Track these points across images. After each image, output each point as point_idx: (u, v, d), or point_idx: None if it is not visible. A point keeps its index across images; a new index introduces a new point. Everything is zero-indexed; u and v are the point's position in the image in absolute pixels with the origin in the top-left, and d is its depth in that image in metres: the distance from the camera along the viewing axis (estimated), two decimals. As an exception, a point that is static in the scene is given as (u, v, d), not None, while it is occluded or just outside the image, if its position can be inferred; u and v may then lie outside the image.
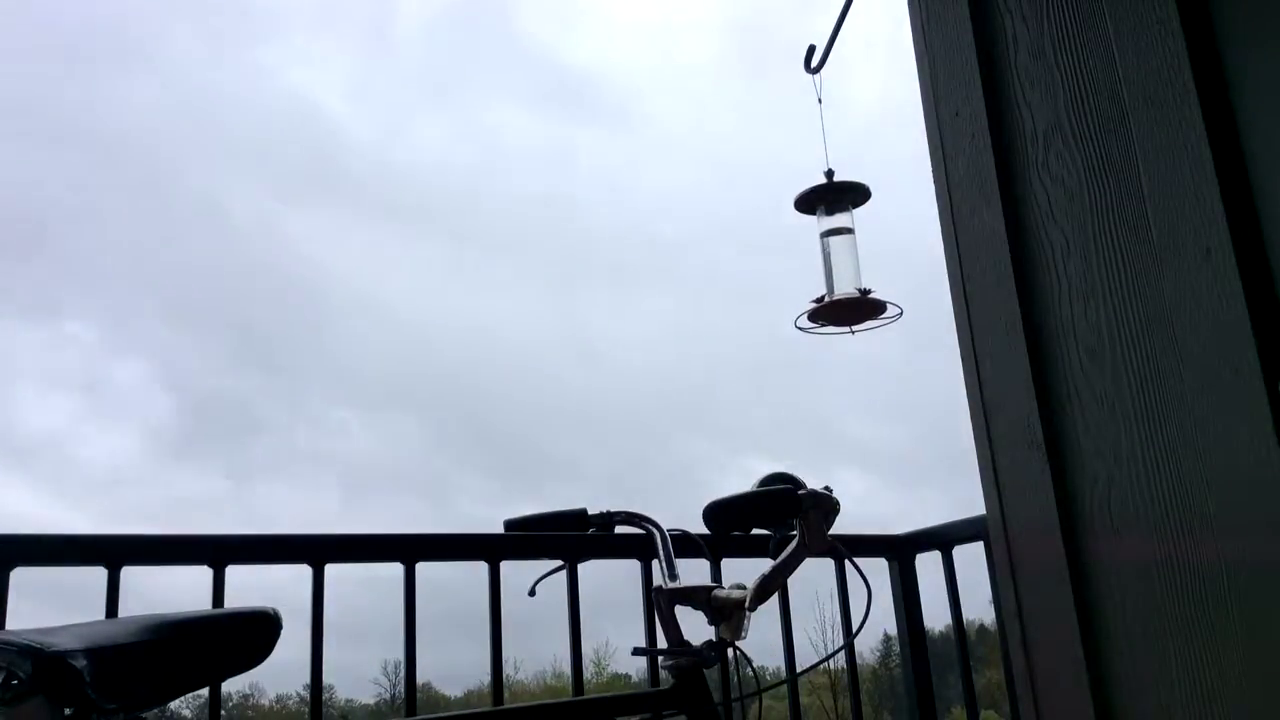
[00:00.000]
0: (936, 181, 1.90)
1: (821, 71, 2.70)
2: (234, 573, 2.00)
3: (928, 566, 2.67)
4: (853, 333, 2.66)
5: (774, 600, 2.40)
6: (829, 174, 2.65)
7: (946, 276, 1.85)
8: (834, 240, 2.66)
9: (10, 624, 1.80)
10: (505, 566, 2.20)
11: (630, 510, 1.89)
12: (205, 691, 1.89)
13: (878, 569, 2.71)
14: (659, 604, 1.63)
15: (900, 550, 2.71)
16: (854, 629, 2.41)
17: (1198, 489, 1.45)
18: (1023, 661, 1.68)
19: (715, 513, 1.54)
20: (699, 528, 1.58)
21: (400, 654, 2.15)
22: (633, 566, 2.32)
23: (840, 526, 1.54)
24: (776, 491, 1.52)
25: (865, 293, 2.59)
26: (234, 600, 1.97)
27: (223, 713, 1.93)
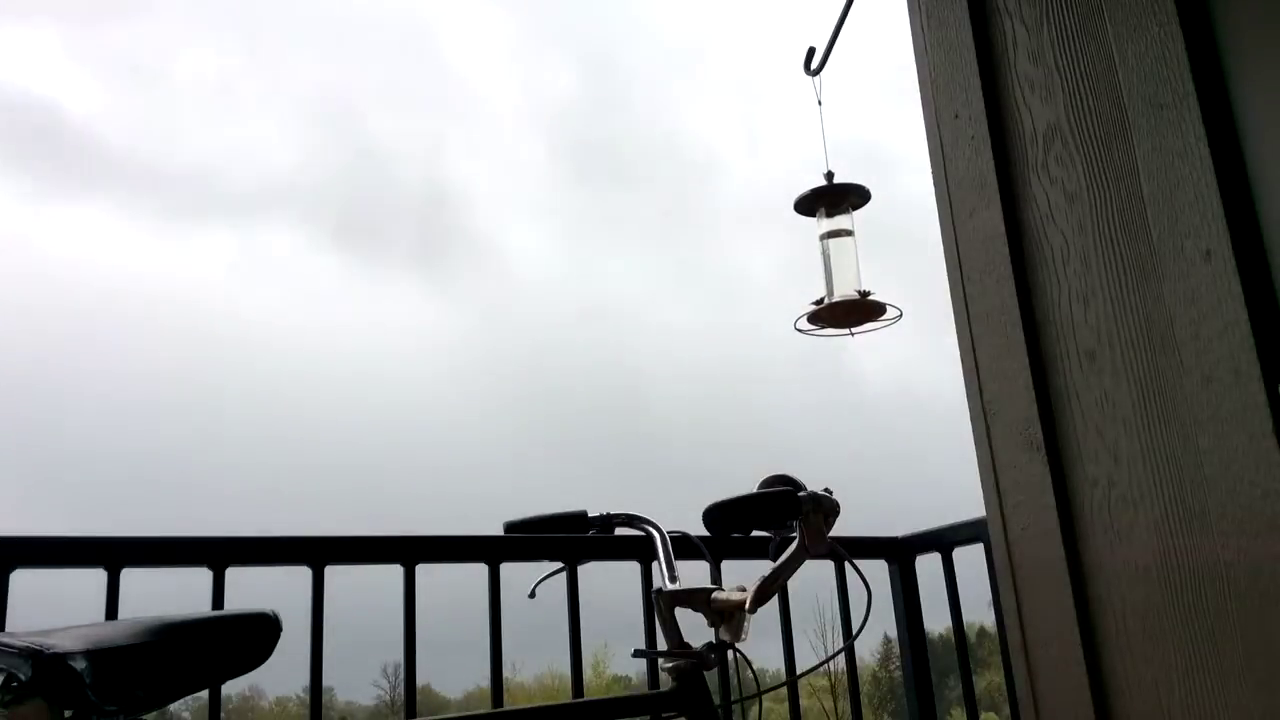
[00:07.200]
0: (936, 183, 1.90)
1: (821, 74, 2.70)
2: (234, 574, 2.01)
3: (927, 568, 2.67)
4: (852, 334, 2.67)
5: (774, 602, 2.39)
6: (829, 176, 2.66)
7: (946, 277, 1.86)
8: (833, 242, 2.67)
9: (10, 626, 1.80)
10: (505, 568, 2.20)
11: (630, 512, 1.89)
12: (205, 693, 1.89)
13: (878, 571, 2.71)
14: (659, 606, 1.63)
15: (900, 552, 2.71)
16: (854, 631, 2.41)
17: (1198, 489, 1.45)
18: (1023, 663, 1.68)
19: (715, 514, 1.54)
20: (699, 529, 1.58)
21: (400, 656, 2.15)
22: (633, 569, 2.32)
23: (840, 528, 1.54)
24: (776, 493, 1.52)
25: (865, 294, 2.59)
26: (234, 602, 1.97)
27: (222, 715, 1.93)
